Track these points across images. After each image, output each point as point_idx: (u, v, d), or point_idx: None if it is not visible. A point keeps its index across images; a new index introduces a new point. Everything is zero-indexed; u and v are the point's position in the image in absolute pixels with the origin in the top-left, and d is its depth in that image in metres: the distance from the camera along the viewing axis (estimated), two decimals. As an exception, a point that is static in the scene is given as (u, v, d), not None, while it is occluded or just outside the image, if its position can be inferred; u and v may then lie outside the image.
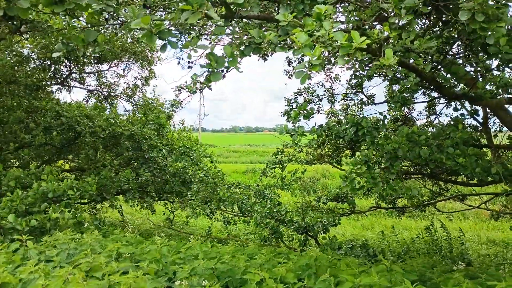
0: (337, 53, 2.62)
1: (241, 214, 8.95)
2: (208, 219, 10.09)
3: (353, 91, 10.98)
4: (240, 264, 4.38)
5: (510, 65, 4.03)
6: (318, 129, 6.06)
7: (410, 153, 4.41)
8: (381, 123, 5.73)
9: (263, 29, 4.05)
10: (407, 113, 10.98)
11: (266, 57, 10.20)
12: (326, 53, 7.35)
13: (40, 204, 7.00)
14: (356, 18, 4.84)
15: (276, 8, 5.47)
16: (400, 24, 3.50)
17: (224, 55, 2.86)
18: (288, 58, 11.25)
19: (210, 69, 2.87)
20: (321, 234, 8.06)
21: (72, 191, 7.15)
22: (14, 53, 12.42)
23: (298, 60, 11.21)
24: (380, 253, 6.87)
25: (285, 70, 11.38)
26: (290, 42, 3.07)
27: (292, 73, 11.43)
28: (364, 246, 7.11)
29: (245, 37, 3.19)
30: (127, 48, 14.16)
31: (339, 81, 11.33)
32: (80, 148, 11.35)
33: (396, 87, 9.69)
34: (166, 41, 2.84)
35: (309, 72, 2.69)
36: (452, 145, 4.40)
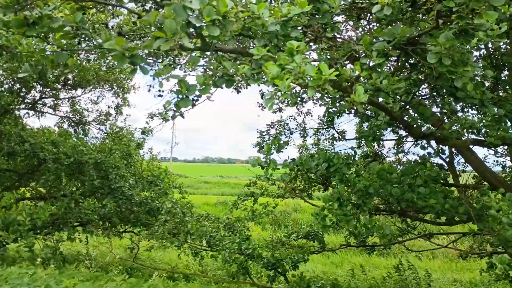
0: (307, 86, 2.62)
1: (209, 249, 8.66)
2: (176, 252, 9.72)
3: (325, 126, 11.22)
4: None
5: (477, 107, 4.18)
6: (290, 163, 6.05)
7: (382, 191, 4.43)
8: (351, 158, 5.77)
9: (237, 62, 4.06)
10: (377, 149, 11.21)
11: (240, 90, 10.32)
12: (298, 88, 7.47)
13: (-12, 232, 6.51)
14: (328, 56, 4.95)
15: (252, 43, 5.55)
16: (371, 64, 3.59)
17: (196, 83, 2.82)
18: (261, 91, 11.49)
19: (180, 96, 2.82)
20: (291, 271, 7.88)
21: (22, 216, 6.70)
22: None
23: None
24: (350, 292, 6.72)
25: (258, 102, 11.59)
26: (263, 75, 3.07)
27: (265, 106, 11.60)
28: (333, 286, 6.96)
29: (218, 69, 3.17)
30: (101, 76, 13.99)
31: (311, 115, 11.59)
32: (44, 176, 10.86)
33: (366, 125, 9.94)
34: (137, 67, 2.78)
35: (278, 101, 2.66)
36: (422, 184, 4.45)
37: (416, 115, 5.40)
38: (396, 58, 4.00)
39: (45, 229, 9.40)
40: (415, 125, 5.41)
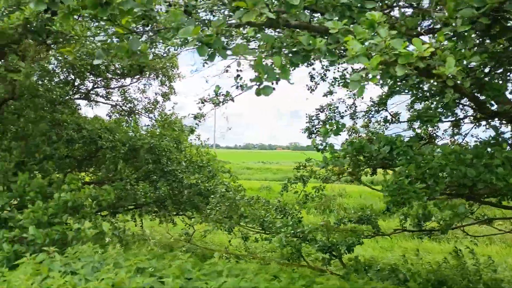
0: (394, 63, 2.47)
1: (263, 231, 8.72)
2: (227, 235, 9.90)
3: (376, 108, 10.79)
4: (262, 285, 4.24)
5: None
6: (348, 146, 5.89)
7: (455, 172, 4.20)
8: (415, 140, 5.53)
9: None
10: (432, 131, 10.70)
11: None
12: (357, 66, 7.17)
13: (62, 214, 6.94)
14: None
15: (315, 20, 5.38)
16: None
17: (273, 66, 2.70)
18: (310, 74, 11.14)
19: (259, 83, 2.69)
20: (346, 254, 7.79)
21: (89, 200, 7.08)
22: (40, 67, 12.60)
23: (320, 75, 11.08)
24: (411, 278, 6.54)
25: (307, 85, 11.25)
26: (338, 52, 2.94)
27: (314, 88, 11.29)
28: (393, 271, 6.79)
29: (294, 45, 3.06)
30: (148, 64, 14.26)
31: (362, 98, 11.16)
32: (101, 161, 11.37)
33: (418, 105, 9.49)
34: (216, 51, 2.72)
35: (366, 83, 2.51)
36: (501, 164, 4.18)
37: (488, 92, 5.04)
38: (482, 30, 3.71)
39: (106, 210, 9.88)
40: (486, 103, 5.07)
